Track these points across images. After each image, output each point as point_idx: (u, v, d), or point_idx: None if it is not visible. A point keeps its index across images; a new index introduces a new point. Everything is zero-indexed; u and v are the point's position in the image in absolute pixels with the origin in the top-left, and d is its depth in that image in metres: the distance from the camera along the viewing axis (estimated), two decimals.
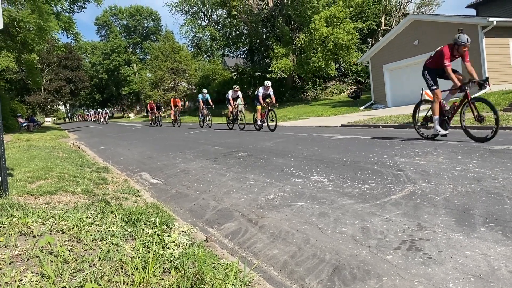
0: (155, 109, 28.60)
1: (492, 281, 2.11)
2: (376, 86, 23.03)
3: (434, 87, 7.58)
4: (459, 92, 7.20)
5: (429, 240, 2.71)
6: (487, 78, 7.05)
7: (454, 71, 7.21)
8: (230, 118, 16.27)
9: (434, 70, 7.63)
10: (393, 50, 21.19)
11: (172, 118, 24.04)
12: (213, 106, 19.70)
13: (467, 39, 7.09)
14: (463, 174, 4.40)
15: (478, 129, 7.76)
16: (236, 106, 15.87)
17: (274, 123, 13.36)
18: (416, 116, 8.22)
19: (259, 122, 14.22)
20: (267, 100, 13.95)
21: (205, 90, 20.30)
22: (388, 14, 37.48)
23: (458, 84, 7.06)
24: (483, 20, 16.75)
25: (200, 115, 19.80)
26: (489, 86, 7.07)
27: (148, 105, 30.45)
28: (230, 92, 16.08)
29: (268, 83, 14.16)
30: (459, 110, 7.33)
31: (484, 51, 16.47)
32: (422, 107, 11.67)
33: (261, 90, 14.18)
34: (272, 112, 13.47)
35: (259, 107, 14.18)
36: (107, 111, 45.78)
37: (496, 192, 3.60)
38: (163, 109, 32.49)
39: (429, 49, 18.74)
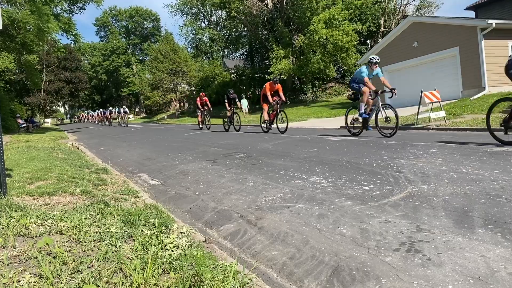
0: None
1: (491, 283, 2.11)
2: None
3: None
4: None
5: (428, 241, 2.71)
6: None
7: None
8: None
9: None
10: (393, 52, 21.22)
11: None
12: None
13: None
14: (462, 176, 4.40)
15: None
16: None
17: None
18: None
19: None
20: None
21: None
22: (388, 16, 37.55)
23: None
24: (482, 22, 16.78)
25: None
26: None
27: (198, 99, 19.45)
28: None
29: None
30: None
31: (483, 53, 16.49)
32: (422, 108, 11.69)
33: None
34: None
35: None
36: (127, 110, 33.52)
37: (495, 194, 3.60)
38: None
39: (429, 51, 18.83)
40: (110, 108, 42.04)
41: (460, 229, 2.87)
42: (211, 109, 19.18)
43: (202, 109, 18.88)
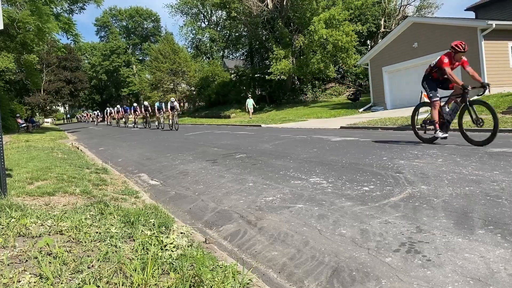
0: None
1: (491, 283, 2.11)
2: (375, 88, 23.06)
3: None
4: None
5: (428, 242, 2.71)
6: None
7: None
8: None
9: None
10: (393, 53, 21.22)
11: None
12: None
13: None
14: (462, 177, 4.40)
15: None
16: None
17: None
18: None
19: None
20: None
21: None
22: (388, 17, 37.54)
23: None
24: (482, 23, 16.78)
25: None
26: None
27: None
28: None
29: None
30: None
31: (483, 54, 16.50)
32: (421, 109, 11.70)
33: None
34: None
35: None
36: (176, 104, 21.56)
37: (495, 195, 3.60)
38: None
39: (429, 51, 18.82)
40: (135, 105, 32.34)
41: (460, 230, 2.87)
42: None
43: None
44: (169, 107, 21.24)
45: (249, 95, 28.60)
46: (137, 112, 31.00)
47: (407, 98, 18.92)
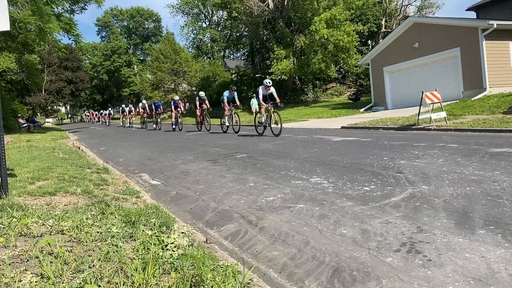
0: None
1: (492, 283, 2.11)
2: (376, 88, 23.04)
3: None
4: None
5: (429, 242, 2.71)
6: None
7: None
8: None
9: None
10: (394, 53, 21.21)
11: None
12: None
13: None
14: (463, 177, 4.40)
15: None
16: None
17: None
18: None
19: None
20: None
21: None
22: (389, 17, 37.50)
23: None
24: (483, 23, 16.76)
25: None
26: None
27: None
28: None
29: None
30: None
31: (484, 54, 16.48)
32: (423, 109, 11.69)
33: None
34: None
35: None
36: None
37: (496, 195, 3.60)
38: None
39: (430, 51, 18.82)
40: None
41: (460, 230, 2.87)
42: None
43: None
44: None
45: (254, 95, 28.41)
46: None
47: (408, 98, 18.90)
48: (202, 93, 17.86)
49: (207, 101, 17.69)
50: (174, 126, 19.72)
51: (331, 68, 29.87)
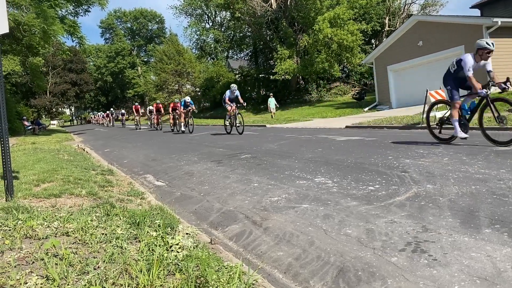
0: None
1: (498, 283, 2.10)
2: (380, 87, 22.98)
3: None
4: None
5: (434, 242, 2.70)
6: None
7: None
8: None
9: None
10: (397, 51, 21.15)
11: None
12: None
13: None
14: (468, 175, 4.38)
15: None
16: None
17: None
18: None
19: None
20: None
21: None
22: (392, 15, 37.42)
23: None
24: (488, 20, 16.69)
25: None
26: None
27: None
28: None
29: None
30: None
31: None
32: (427, 107, 11.64)
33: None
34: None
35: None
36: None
37: (501, 194, 3.58)
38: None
39: (434, 50, 18.75)
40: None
41: (466, 229, 2.85)
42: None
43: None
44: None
45: (271, 94, 28.11)
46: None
47: (413, 97, 18.84)
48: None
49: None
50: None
51: (335, 68, 29.84)
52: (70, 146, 13.08)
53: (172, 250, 2.64)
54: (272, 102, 26.35)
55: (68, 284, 2.06)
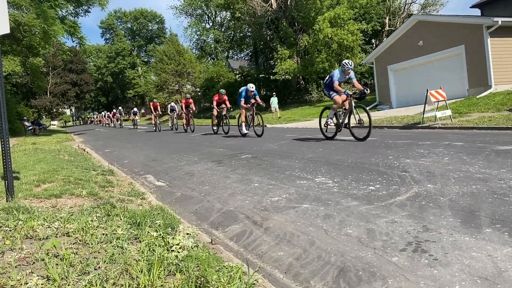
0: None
1: (498, 282, 2.10)
2: (380, 87, 22.97)
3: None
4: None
5: (435, 241, 2.70)
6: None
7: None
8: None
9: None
10: (398, 51, 21.14)
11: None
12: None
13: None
14: (469, 175, 4.38)
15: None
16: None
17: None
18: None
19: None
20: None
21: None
22: (392, 15, 37.42)
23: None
24: (488, 20, 16.67)
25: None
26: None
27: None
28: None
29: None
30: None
31: (489, 51, 16.39)
32: (428, 107, 11.64)
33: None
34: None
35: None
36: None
37: (502, 193, 3.57)
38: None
39: (434, 49, 18.74)
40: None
41: (467, 229, 2.85)
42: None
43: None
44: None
45: (274, 94, 27.77)
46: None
47: (413, 97, 18.84)
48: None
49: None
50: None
51: (335, 67, 29.82)
52: (70, 147, 13.08)
53: (173, 250, 2.64)
54: (275, 101, 26.03)
55: (68, 285, 2.06)
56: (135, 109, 37.16)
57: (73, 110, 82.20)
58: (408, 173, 4.76)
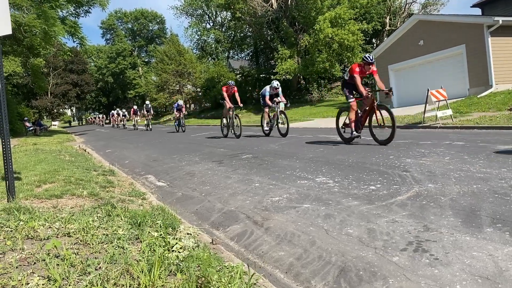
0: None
1: (499, 282, 2.10)
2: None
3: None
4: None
5: (435, 241, 2.70)
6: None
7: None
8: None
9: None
10: (398, 51, 21.12)
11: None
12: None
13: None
14: (470, 175, 4.37)
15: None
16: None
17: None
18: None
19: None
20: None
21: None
22: (393, 15, 37.39)
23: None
24: (489, 19, 16.65)
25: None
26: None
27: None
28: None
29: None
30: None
31: (490, 50, 16.37)
32: (428, 107, 11.64)
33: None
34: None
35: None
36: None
37: (503, 192, 3.57)
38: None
39: (435, 49, 18.72)
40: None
41: (467, 228, 2.85)
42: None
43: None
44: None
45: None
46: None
47: (414, 96, 18.82)
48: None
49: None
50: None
51: (336, 67, 29.84)
52: (71, 147, 13.09)
53: (174, 250, 2.64)
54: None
55: (69, 285, 2.06)
56: (148, 101, 33.18)
57: (74, 110, 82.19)
58: (409, 173, 4.76)
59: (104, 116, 44.29)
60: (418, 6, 39.28)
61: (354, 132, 8.11)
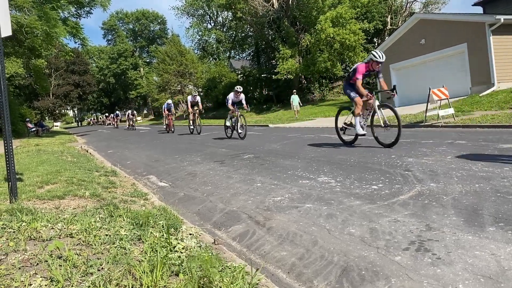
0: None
1: (502, 281, 2.09)
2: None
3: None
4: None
5: (438, 240, 2.69)
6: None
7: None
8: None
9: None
10: (400, 50, 21.09)
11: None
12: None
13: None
14: (472, 174, 4.36)
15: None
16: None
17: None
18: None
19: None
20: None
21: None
22: (394, 14, 37.34)
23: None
24: (490, 17, 16.61)
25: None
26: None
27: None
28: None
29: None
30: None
31: (491, 49, 16.34)
32: (430, 106, 11.61)
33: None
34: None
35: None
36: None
37: (505, 191, 3.56)
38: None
39: (436, 47, 18.69)
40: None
41: (470, 228, 2.84)
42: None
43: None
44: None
45: (294, 92, 26.51)
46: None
47: (415, 95, 18.80)
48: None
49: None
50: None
51: (337, 67, 29.82)
52: (73, 148, 13.11)
53: (176, 251, 2.65)
54: (295, 99, 24.85)
55: (72, 286, 2.06)
56: (170, 101, 33.39)
57: (75, 111, 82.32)
58: (411, 172, 4.76)
59: (118, 114, 42.97)
60: (419, 5, 39.25)
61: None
